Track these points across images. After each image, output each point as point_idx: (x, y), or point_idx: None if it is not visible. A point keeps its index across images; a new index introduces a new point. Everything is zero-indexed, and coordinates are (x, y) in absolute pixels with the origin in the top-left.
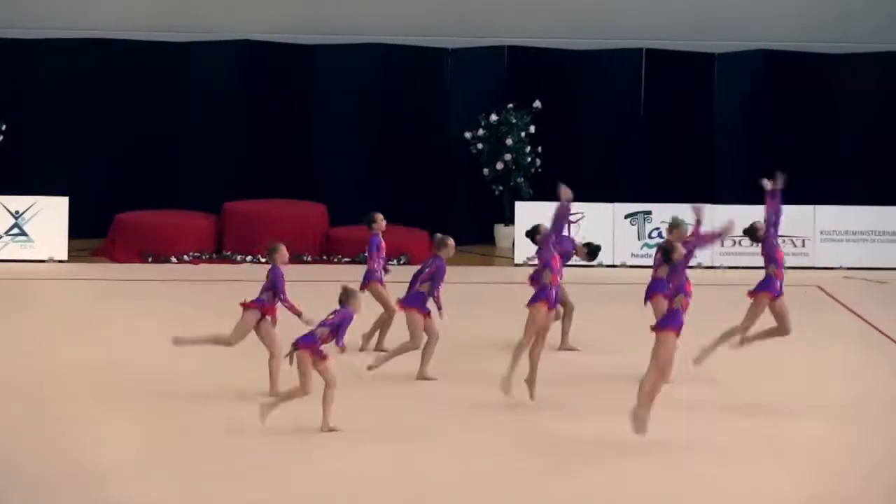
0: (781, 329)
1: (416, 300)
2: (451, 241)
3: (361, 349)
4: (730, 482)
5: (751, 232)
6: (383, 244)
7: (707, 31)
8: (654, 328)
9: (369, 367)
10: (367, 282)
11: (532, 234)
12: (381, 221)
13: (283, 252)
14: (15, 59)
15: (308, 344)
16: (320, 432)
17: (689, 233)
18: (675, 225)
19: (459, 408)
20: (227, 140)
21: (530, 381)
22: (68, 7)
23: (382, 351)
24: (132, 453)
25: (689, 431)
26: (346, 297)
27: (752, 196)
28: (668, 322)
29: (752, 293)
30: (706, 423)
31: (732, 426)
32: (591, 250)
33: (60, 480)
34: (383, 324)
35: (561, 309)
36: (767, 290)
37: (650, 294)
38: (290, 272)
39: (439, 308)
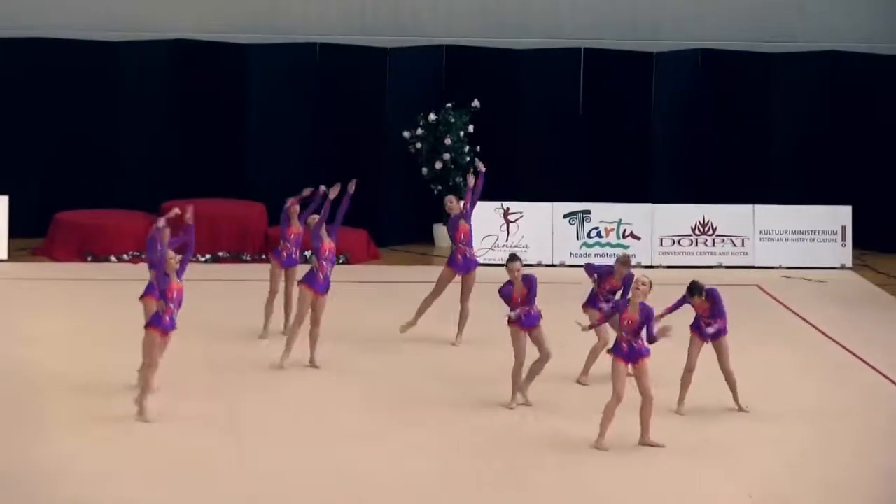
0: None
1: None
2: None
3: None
4: (665, 481)
5: (696, 289)
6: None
7: (645, 30)
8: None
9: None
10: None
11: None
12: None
13: None
14: None
15: None
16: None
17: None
18: (624, 262)
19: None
20: (164, 140)
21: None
22: None
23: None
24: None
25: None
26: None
27: (688, 195)
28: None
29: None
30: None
31: (671, 426)
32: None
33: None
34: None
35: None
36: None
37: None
38: (231, 271)
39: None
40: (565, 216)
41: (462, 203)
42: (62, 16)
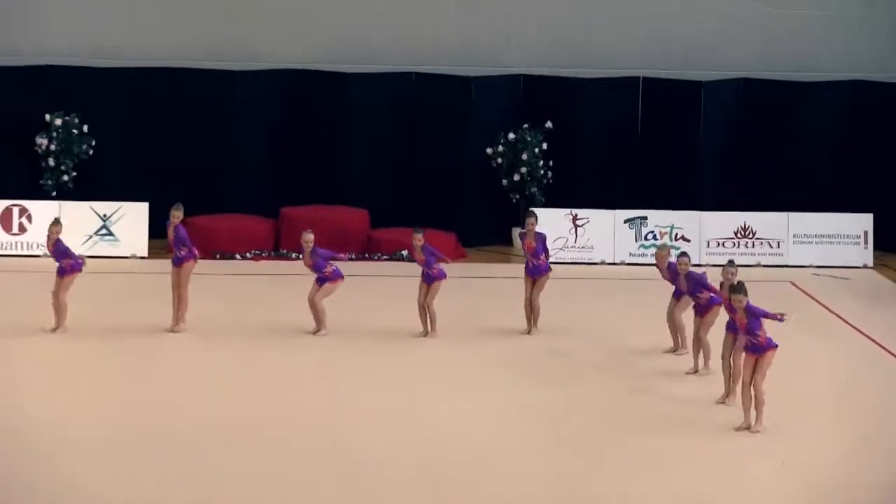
0: None
1: None
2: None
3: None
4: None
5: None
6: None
7: (695, 62)
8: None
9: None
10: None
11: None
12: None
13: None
14: (100, 87)
15: None
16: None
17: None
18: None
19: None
20: (279, 155)
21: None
22: (139, 41)
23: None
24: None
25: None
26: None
27: (732, 204)
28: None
29: None
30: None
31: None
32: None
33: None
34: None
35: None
36: None
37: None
38: (340, 267)
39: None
40: (625, 221)
41: (531, 237)
42: (189, 49)
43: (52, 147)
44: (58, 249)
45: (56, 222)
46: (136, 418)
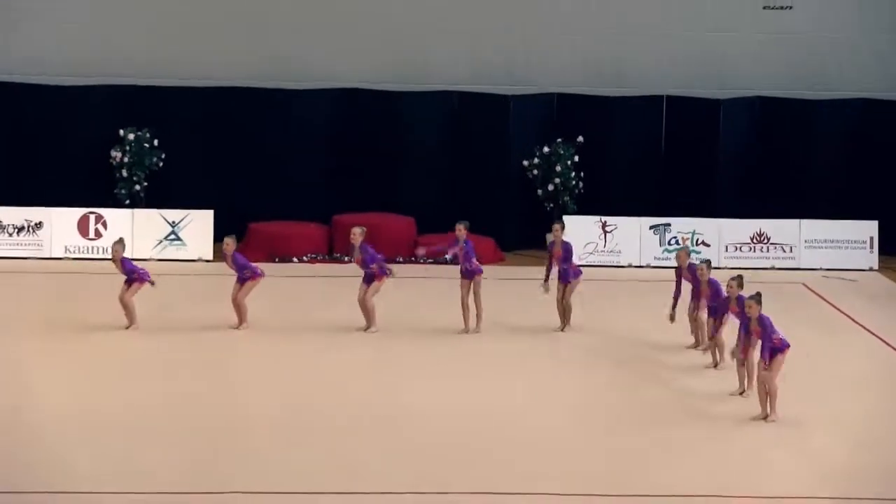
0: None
1: None
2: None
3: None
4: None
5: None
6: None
7: (713, 81)
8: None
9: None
10: None
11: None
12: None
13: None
14: (170, 105)
15: None
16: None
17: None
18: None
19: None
20: (334, 167)
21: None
22: (205, 62)
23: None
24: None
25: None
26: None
27: (748, 211)
28: None
29: None
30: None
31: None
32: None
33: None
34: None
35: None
36: None
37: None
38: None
39: None
40: (650, 227)
41: (559, 246)
42: (251, 69)
43: (126, 159)
44: (125, 268)
45: (119, 241)
46: (204, 408)
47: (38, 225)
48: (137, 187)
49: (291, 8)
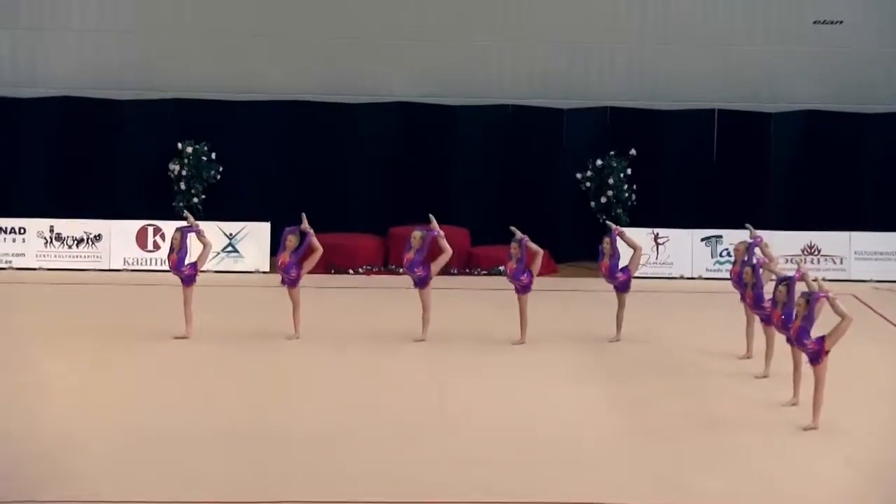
0: None
1: None
2: None
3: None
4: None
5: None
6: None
7: (764, 95)
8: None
9: None
10: None
11: None
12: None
13: None
14: (227, 119)
15: None
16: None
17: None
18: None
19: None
20: (389, 178)
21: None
22: (264, 76)
23: None
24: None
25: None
26: None
27: (799, 223)
28: None
29: None
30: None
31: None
32: None
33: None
34: None
35: None
36: None
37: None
38: (440, 281)
39: None
40: (702, 240)
41: (607, 258)
42: (311, 83)
43: (184, 172)
44: (177, 267)
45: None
46: (258, 417)
47: (98, 237)
48: (195, 200)
49: (350, 22)
